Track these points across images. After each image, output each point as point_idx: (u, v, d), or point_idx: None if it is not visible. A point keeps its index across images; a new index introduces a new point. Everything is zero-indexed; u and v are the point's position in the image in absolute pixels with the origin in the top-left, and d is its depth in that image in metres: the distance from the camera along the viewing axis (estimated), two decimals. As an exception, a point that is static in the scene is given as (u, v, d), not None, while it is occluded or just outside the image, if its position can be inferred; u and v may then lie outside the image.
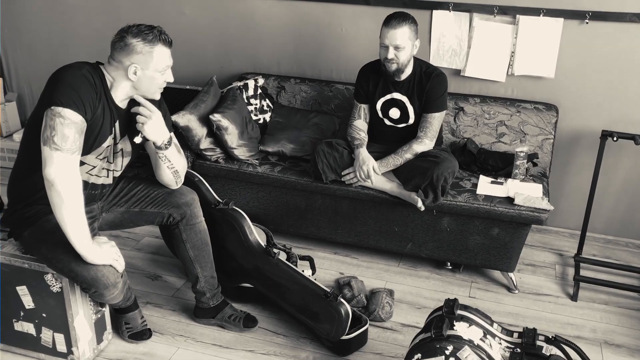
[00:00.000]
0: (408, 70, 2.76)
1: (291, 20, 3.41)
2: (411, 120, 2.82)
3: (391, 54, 2.66)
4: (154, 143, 2.15)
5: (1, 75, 4.05)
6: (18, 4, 3.85)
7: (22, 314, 2.21)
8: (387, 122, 2.87)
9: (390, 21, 2.64)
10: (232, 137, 2.96)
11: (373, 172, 2.74)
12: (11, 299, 2.19)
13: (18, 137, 3.90)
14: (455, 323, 1.87)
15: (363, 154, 2.78)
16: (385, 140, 2.91)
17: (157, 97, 2.15)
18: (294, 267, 2.45)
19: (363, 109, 2.90)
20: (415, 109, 2.79)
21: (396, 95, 2.80)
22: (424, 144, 2.75)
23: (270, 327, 2.51)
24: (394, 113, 2.83)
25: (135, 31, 2.02)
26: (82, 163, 2.01)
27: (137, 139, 2.14)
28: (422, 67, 2.79)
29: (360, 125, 2.89)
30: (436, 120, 2.76)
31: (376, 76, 2.83)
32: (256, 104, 3.26)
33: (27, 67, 4.02)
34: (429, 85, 2.74)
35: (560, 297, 2.79)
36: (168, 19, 3.47)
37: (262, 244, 2.53)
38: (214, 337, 2.45)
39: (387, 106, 2.84)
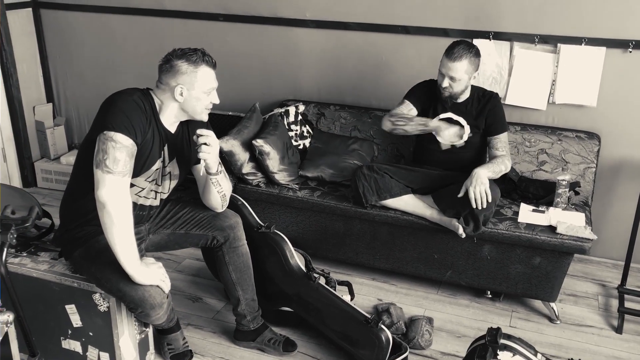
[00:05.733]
0: (465, 96, 2.82)
1: (332, 49, 3.47)
2: (464, 139, 2.84)
3: (446, 83, 2.71)
4: (208, 169, 2.21)
5: (51, 100, 4.21)
6: (70, 32, 4.02)
7: (69, 332, 2.27)
8: (440, 139, 2.87)
9: (452, 52, 2.67)
10: (273, 162, 3.01)
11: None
12: (60, 316, 2.25)
13: (65, 160, 4.03)
14: (498, 352, 1.85)
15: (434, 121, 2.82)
16: (432, 162, 2.93)
17: (205, 118, 2.21)
18: (334, 292, 2.46)
19: (409, 108, 2.91)
20: (471, 129, 2.81)
21: (451, 115, 2.84)
22: (509, 160, 2.78)
23: (309, 352, 2.52)
24: None
25: (179, 53, 2.10)
26: (131, 185, 2.07)
27: (202, 170, 2.21)
28: (480, 92, 2.86)
29: (404, 109, 2.91)
30: (506, 139, 2.82)
31: (434, 94, 2.87)
32: (296, 130, 3.32)
33: (75, 93, 4.17)
34: (489, 105, 2.80)
35: (604, 329, 2.73)
36: (212, 47, 3.54)
37: (303, 268, 2.55)
38: (253, 360, 2.47)
39: None
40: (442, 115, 2.85)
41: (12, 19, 3.83)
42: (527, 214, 2.78)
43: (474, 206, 2.58)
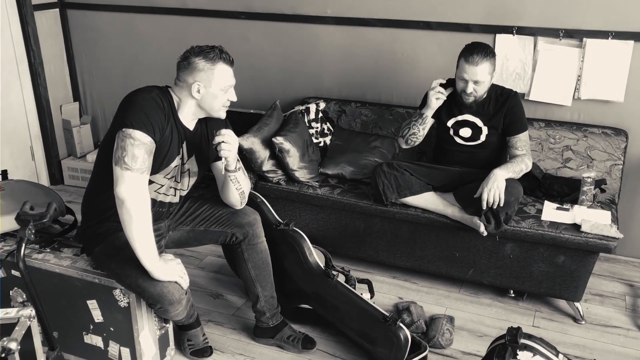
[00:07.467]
0: (483, 96, 2.77)
1: (352, 45, 3.46)
2: (482, 139, 2.81)
3: (470, 88, 2.66)
4: (227, 166, 2.22)
5: (78, 99, 4.28)
6: (95, 32, 4.08)
7: (91, 327, 2.31)
8: (458, 140, 2.85)
9: (471, 57, 2.61)
10: (293, 159, 3.01)
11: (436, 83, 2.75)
12: (82, 312, 2.28)
13: (91, 157, 4.10)
14: (518, 352, 1.82)
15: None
16: (451, 160, 2.89)
17: (222, 115, 2.22)
18: (352, 290, 2.45)
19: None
20: (489, 129, 2.78)
21: (468, 117, 2.80)
22: (530, 159, 2.75)
23: (328, 350, 2.51)
24: (465, 132, 2.82)
25: (197, 50, 2.11)
26: (150, 182, 2.10)
27: (223, 167, 2.23)
28: (497, 90, 2.80)
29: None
30: (526, 138, 2.77)
31: (449, 96, 2.81)
32: (317, 127, 3.31)
33: (101, 92, 4.24)
34: (507, 105, 2.75)
35: (631, 330, 2.67)
36: (233, 44, 3.57)
37: (322, 266, 2.54)
38: (272, 357, 2.47)
39: (458, 125, 2.83)
40: (459, 118, 2.81)
41: (39, 19, 3.91)
42: (551, 211, 2.72)
43: (484, 207, 2.56)
